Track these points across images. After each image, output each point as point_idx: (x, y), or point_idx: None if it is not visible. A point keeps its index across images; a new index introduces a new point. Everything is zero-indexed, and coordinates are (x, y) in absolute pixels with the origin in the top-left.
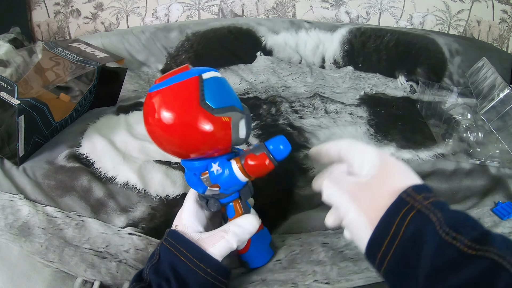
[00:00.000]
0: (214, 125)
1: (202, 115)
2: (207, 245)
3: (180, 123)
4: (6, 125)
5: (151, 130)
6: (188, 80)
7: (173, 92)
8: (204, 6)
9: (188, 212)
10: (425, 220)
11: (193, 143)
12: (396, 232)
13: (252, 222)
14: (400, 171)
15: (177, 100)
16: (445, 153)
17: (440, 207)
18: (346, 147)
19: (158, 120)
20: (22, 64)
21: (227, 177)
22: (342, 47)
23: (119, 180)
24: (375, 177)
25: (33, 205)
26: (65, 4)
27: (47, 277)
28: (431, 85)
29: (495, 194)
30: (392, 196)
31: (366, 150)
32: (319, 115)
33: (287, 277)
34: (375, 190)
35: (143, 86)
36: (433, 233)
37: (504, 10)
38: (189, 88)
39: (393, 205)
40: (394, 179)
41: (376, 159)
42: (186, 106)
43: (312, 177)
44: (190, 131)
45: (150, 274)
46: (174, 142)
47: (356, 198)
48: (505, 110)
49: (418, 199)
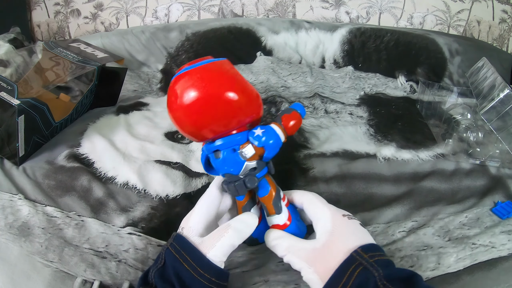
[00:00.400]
0: (255, 92)
1: (247, 83)
2: (207, 248)
3: (230, 88)
4: (6, 125)
5: (189, 109)
6: (221, 61)
7: (215, 66)
8: (204, 6)
9: (197, 216)
10: (369, 275)
11: (239, 111)
12: (345, 284)
13: (252, 216)
14: (350, 233)
15: (222, 72)
16: (445, 153)
17: (384, 265)
18: (307, 204)
19: (204, 94)
20: (22, 64)
21: (273, 137)
22: (342, 47)
23: (119, 180)
24: (326, 243)
25: (33, 205)
26: (65, 4)
27: (47, 277)
28: (431, 85)
29: (495, 194)
30: (344, 255)
31: (321, 213)
32: (319, 115)
33: (289, 278)
34: (328, 254)
35: (143, 86)
36: (374, 285)
37: (504, 10)
38: (227, 64)
39: (344, 262)
40: (344, 241)
41: (328, 225)
42: (232, 75)
43: (312, 177)
44: (238, 100)
45: (156, 278)
46: (218, 115)
47: (313, 263)
48: (505, 110)
49: (365, 257)
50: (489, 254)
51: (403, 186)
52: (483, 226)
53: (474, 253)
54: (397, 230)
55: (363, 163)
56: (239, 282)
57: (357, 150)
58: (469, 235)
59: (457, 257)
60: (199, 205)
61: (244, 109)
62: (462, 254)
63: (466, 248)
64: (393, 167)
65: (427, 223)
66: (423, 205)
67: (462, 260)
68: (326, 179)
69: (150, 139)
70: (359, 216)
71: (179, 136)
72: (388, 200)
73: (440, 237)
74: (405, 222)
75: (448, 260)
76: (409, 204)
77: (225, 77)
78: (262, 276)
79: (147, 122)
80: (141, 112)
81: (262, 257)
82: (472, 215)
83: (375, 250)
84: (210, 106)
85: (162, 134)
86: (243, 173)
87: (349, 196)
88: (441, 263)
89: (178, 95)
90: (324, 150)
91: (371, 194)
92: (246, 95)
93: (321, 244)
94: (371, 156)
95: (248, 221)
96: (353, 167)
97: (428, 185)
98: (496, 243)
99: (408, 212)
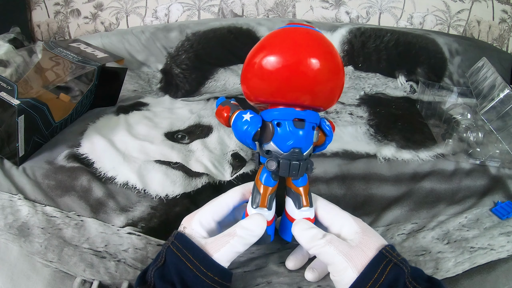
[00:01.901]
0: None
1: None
2: (212, 251)
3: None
4: (6, 125)
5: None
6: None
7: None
8: (204, 6)
9: (202, 217)
10: (400, 271)
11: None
12: (378, 279)
13: (259, 223)
14: (375, 233)
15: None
16: (445, 153)
17: (407, 263)
18: (323, 210)
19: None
20: (22, 64)
21: (331, 133)
22: (342, 47)
23: (119, 180)
24: (361, 242)
25: (32, 205)
26: (65, 4)
27: (47, 277)
28: (431, 85)
29: (495, 194)
30: (374, 251)
31: (343, 219)
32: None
33: (292, 281)
34: (365, 251)
35: (143, 86)
36: (403, 282)
37: (504, 10)
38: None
39: (375, 258)
40: (374, 240)
41: (355, 227)
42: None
43: (312, 177)
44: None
45: (156, 278)
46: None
47: (352, 259)
48: (505, 110)
49: (394, 255)
50: (488, 256)
51: (403, 187)
52: (482, 227)
53: (473, 256)
54: (396, 233)
55: (363, 163)
56: (241, 282)
57: (357, 150)
58: (468, 238)
59: (455, 261)
60: (206, 209)
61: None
62: (460, 258)
63: (465, 252)
64: (393, 167)
65: (427, 225)
66: (423, 206)
67: (461, 264)
68: (326, 180)
69: (150, 139)
70: None
71: (179, 136)
72: (388, 201)
73: (439, 240)
74: (405, 225)
75: (446, 265)
76: (409, 206)
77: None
78: (264, 278)
79: (147, 122)
80: (141, 112)
81: (264, 258)
82: (471, 215)
83: (396, 250)
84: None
85: (162, 134)
86: (305, 156)
87: (349, 197)
88: (439, 268)
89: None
90: (324, 150)
91: (371, 195)
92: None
93: (357, 242)
94: (371, 156)
95: (255, 231)
96: (353, 167)
97: (428, 185)
98: (495, 245)
99: (408, 214)
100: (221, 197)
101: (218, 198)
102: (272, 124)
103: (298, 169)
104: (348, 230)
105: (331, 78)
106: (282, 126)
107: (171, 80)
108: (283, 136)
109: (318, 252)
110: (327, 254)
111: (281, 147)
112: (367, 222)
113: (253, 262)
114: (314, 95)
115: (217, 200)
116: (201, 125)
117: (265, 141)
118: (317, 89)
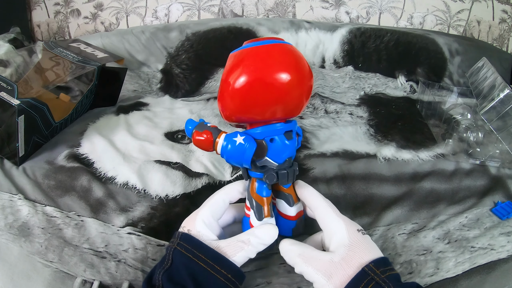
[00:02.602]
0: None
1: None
2: (229, 253)
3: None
4: (6, 125)
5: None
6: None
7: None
8: (204, 6)
9: (205, 218)
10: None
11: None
12: None
13: (272, 233)
14: (364, 247)
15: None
16: (445, 153)
17: (394, 279)
18: (321, 212)
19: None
20: (22, 64)
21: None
22: (342, 47)
23: (119, 180)
24: (345, 257)
25: (32, 205)
26: (65, 4)
27: (47, 277)
28: (431, 85)
29: (495, 194)
30: (357, 269)
31: (337, 226)
32: (319, 115)
33: (292, 281)
34: (346, 268)
35: (143, 86)
36: None
37: (504, 10)
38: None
39: (356, 276)
40: (359, 255)
41: (345, 239)
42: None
43: (312, 177)
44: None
45: (164, 282)
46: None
47: (331, 277)
48: (505, 110)
49: (377, 273)
50: (488, 256)
51: (403, 187)
52: (483, 227)
53: (473, 256)
54: (397, 233)
55: (363, 163)
56: None
57: (357, 150)
58: (469, 237)
59: (456, 261)
60: (205, 209)
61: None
62: (461, 258)
63: (465, 252)
64: (393, 167)
65: (427, 225)
66: (423, 206)
67: (461, 264)
68: (327, 180)
69: (150, 139)
70: (359, 219)
71: (179, 136)
72: (388, 201)
73: (440, 240)
74: (405, 225)
75: (447, 264)
76: (409, 206)
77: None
78: (264, 278)
79: (147, 122)
80: (141, 112)
81: (265, 259)
82: (472, 215)
83: (386, 265)
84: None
85: (162, 134)
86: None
87: (349, 197)
88: (440, 268)
89: (249, 65)
90: (324, 150)
91: (371, 195)
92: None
93: (339, 258)
94: (371, 156)
95: (268, 240)
96: (353, 167)
97: (428, 185)
98: (495, 245)
99: (408, 214)
100: (217, 195)
101: (215, 196)
102: (265, 141)
103: (293, 175)
104: (336, 241)
105: (298, 86)
106: (275, 142)
107: (171, 80)
108: (278, 150)
109: (299, 271)
110: (307, 273)
111: (277, 160)
112: (367, 222)
113: (253, 262)
114: (286, 105)
115: (214, 199)
116: None
117: (258, 158)
118: (287, 99)
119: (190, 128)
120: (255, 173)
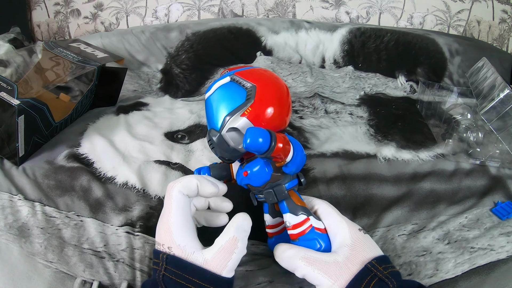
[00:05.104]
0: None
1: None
2: (218, 269)
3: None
4: (6, 125)
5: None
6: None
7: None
8: (204, 6)
9: (179, 229)
10: (385, 286)
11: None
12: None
13: (247, 218)
14: (366, 246)
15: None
16: (445, 153)
17: (396, 276)
18: (323, 213)
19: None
20: (22, 64)
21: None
22: (342, 47)
23: (119, 180)
24: (348, 257)
25: (32, 205)
26: (65, 4)
27: (47, 277)
28: (431, 85)
29: (495, 194)
30: (360, 266)
31: (339, 226)
32: (319, 115)
33: (293, 280)
34: (350, 267)
35: (143, 86)
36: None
37: (504, 10)
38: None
39: (359, 273)
40: (362, 254)
41: (348, 239)
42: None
43: (312, 177)
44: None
45: None
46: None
47: (337, 278)
48: (505, 110)
49: (380, 270)
50: (488, 257)
51: (403, 187)
52: (483, 228)
53: (473, 257)
54: (397, 234)
55: (363, 163)
56: (243, 281)
57: (357, 150)
58: (468, 238)
59: (455, 262)
60: (173, 216)
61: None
62: (460, 259)
63: (465, 252)
64: (393, 168)
65: (427, 226)
66: (423, 206)
67: (461, 265)
68: (327, 180)
69: (150, 139)
70: (359, 221)
71: (179, 136)
72: (388, 202)
73: (440, 240)
74: (405, 225)
75: (446, 265)
76: (409, 206)
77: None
78: (266, 277)
79: (147, 122)
80: (141, 112)
81: (267, 258)
82: (472, 215)
83: (387, 262)
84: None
85: (162, 134)
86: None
87: (349, 198)
88: (439, 269)
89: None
90: (324, 150)
91: (371, 196)
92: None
93: (343, 258)
94: (371, 157)
95: (247, 227)
96: (353, 168)
97: (428, 185)
98: (495, 245)
99: (408, 214)
100: (174, 202)
101: (173, 204)
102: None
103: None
104: (339, 242)
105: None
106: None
107: (171, 80)
108: (288, 171)
109: (302, 274)
110: (312, 276)
111: (286, 181)
112: (367, 224)
113: (256, 261)
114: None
115: (174, 199)
116: (201, 125)
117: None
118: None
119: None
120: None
